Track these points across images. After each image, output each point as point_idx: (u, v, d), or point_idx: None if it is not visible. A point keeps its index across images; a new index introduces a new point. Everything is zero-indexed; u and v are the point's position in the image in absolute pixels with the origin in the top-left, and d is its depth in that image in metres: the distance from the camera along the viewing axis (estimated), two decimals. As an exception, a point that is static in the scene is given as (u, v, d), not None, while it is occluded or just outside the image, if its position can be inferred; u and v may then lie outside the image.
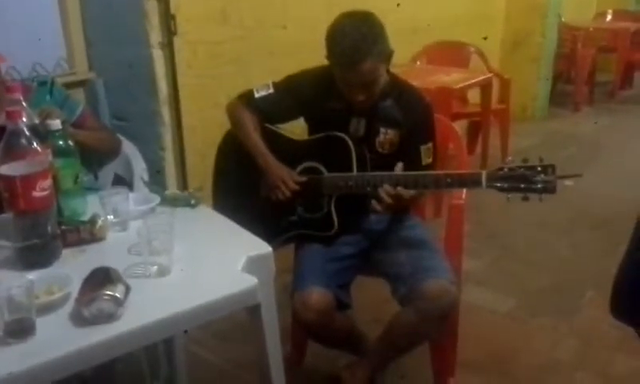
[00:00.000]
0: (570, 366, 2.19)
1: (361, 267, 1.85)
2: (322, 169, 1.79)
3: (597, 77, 6.25)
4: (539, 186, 1.51)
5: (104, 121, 2.62)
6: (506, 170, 1.54)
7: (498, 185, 1.55)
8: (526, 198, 1.52)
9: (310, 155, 1.82)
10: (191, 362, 2.06)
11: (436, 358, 2.00)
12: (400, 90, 1.82)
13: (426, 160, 1.78)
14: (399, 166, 1.68)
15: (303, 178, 1.79)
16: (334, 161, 1.76)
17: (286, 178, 1.77)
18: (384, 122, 1.79)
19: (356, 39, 1.61)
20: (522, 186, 1.52)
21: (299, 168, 1.83)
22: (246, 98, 1.88)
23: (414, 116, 1.79)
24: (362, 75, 1.65)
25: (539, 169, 1.52)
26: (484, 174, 1.56)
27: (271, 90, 1.85)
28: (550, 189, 1.51)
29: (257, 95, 1.85)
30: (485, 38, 4.37)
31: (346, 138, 1.75)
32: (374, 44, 1.64)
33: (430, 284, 1.65)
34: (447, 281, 1.66)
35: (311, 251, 1.81)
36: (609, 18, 6.81)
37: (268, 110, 1.86)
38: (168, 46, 2.57)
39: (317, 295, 1.66)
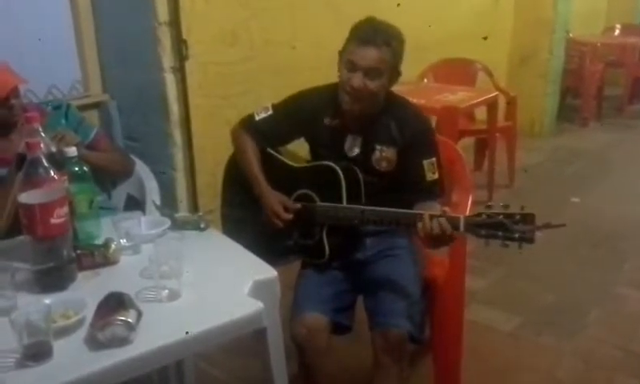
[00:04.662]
0: (572, 385, 2.21)
1: (359, 289, 1.84)
2: (315, 197, 1.81)
3: (605, 91, 6.26)
4: (516, 235, 1.47)
5: (117, 141, 2.69)
6: (484, 216, 1.51)
7: (475, 231, 1.52)
8: (505, 245, 1.49)
9: (304, 183, 1.84)
10: (199, 379, 2.11)
11: (440, 377, 2.04)
12: (396, 106, 1.83)
13: (431, 176, 1.75)
14: None
15: (297, 206, 1.81)
16: (325, 190, 1.79)
17: (276, 209, 1.79)
18: (380, 140, 1.80)
19: (379, 28, 1.71)
20: (500, 233, 1.49)
21: (295, 195, 1.85)
22: (247, 122, 1.93)
23: (412, 131, 1.80)
24: (369, 58, 1.68)
25: (518, 217, 1.48)
26: (462, 219, 1.54)
27: (270, 112, 1.90)
28: (527, 239, 1.47)
29: (257, 118, 1.90)
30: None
31: (336, 167, 1.76)
32: (392, 42, 1.71)
33: (379, 329, 1.68)
34: (395, 328, 1.66)
35: (307, 277, 1.83)
36: (617, 32, 6.83)
37: (268, 133, 1.90)
38: (180, 70, 2.64)
39: (311, 320, 1.69)
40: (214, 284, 1.41)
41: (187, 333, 1.21)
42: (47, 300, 1.25)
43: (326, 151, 1.84)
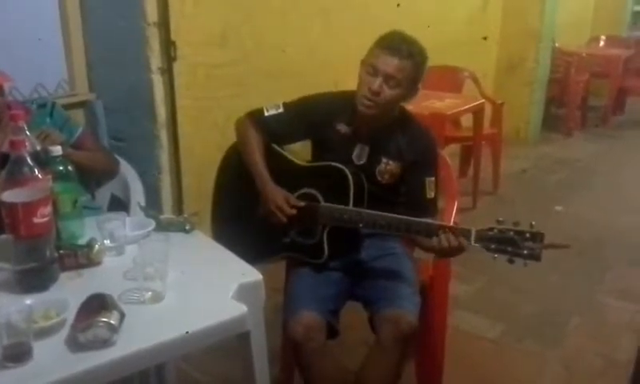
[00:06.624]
0: (554, 393, 2.23)
1: (350, 293, 1.86)
2: (320, 197, 1.81)
3: (589, 101, 6.34)
4: (525, 252, 1.52)
5: (102, 141, 2.66)
6: (495, 231, 1.55)
7: (486, 244, 1.56)
8: (511, 261, 1.54)
9: (309, 182, 1.85)
10: (180, 380, 2.09)
11: (422, 381, 2.05)
12: (408, 123, 1.87)
13: (430, 194, 1.81)
14: None
15: (300, 204, 1.81)
16: (331, 191, 1.79)
17: (280, 204, 1.80)
18: (387, 153, 1.84)
19: (406, 39, 1.76)
20: (509, 249, 1.53)
21: (297, 193, 1.85)
22: (255, 116, 1.92)
23: (420, 149, 1.84)
24: (390, 65, 1.71)
25: (528, 235, 1.52)
26: (473, 231, 1.58)
27: (281, 110, 1.90)
28: (535, 256, 1.51)
29: (266, 114, 1.90)
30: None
31: (346, 170, 1.77)
32: (415, 55, 1.75)
33: (390, 311, 1.69)
34: (407, 311, 1.69)
35: (303, 276, 1.82)
36: (602, 43, 6.92)
37: (275, 130, 1.90)
38: (167, 72, 2.62)
39: (308, 319, 1.68)
40: (199, 286, 1.40)
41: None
42: (28, 300, 1.23)
43: (332, 156, 1.84)
